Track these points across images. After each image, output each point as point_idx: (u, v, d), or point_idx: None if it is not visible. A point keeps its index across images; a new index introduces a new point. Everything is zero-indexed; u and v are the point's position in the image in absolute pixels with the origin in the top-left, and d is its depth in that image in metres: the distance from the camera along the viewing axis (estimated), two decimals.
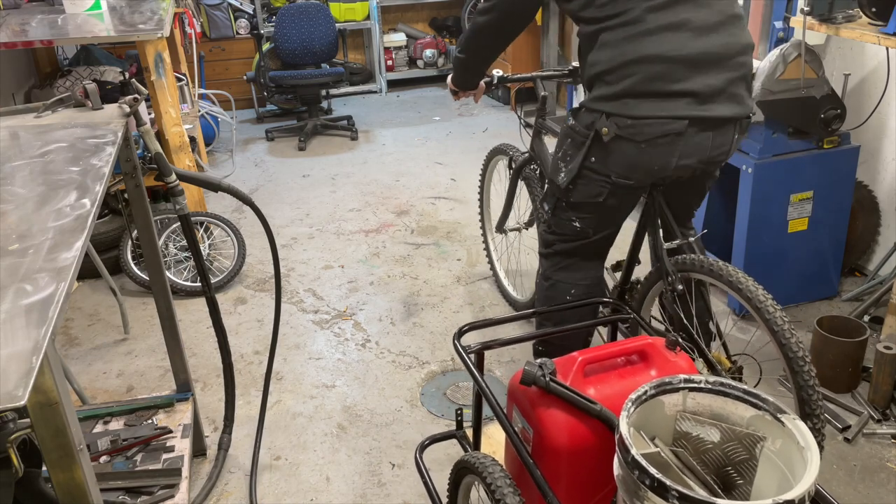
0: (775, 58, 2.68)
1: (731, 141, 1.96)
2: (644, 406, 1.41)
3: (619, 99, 1.86)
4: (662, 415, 1.45)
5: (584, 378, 1.54)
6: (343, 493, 2.26)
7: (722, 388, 1.44)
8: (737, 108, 1.91)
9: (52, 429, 1.08)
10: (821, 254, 3.00)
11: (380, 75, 6.39)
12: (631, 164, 1.93)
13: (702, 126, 1.87)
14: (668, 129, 1.85)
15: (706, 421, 1.46)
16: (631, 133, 1.87)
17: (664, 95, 1.83)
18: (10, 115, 1.84)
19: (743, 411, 1.43)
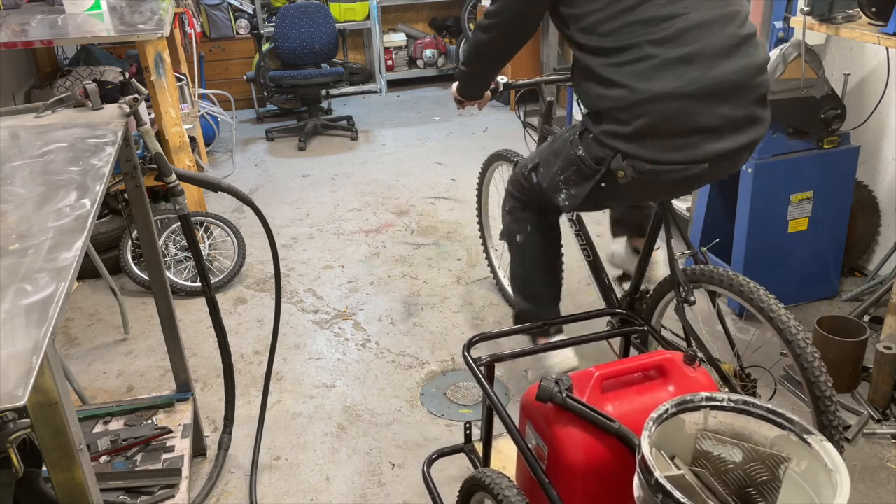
0: (775, 58, 2.68)
1: (744, 160, 1.91)
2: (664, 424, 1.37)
3: (635, 140, 1.76)
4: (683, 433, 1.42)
5: (602, 394, 1.49)
6: (343, 493, 2.26)
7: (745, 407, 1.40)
8: (756, 132, 1.83)
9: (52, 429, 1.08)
10: (821, 254, 3.00)
11: (380, 75, 6.40)
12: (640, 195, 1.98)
13: (721, 160, 1.80)
14: (688, 174, 1.78)
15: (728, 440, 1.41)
16: (649, 178, 1.80)
17: (683, 134, 1.74)
18: (10, 115, 1.84)
19: (767, 431, 1.38)
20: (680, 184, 1.86)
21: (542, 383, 1.47)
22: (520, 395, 2.65)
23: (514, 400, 2.63)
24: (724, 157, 1.79)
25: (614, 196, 1.97)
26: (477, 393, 2.66)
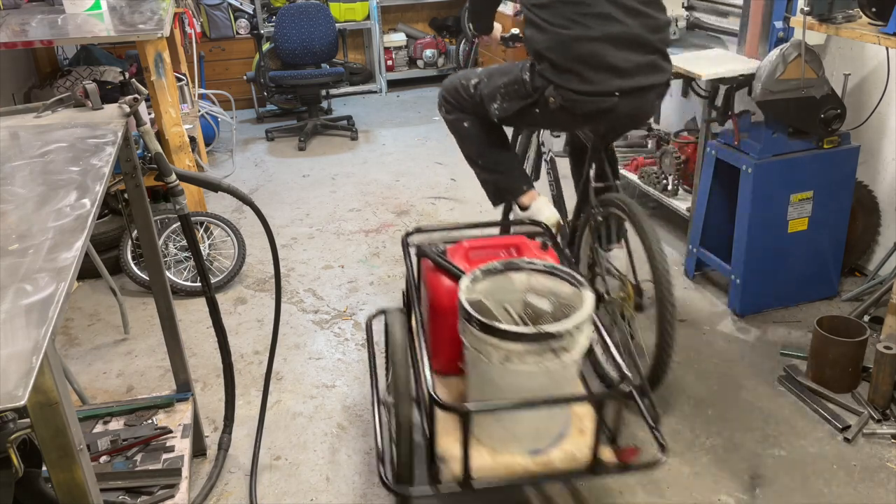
0: (775, 58, 2.68)
1: (650, 104, 2.42)
2: (495, 278, 1.96)
3: (564, 74, 2.28)
4: (513, 289, 1.99)
5: (467, 257, 2.09)
6: (343, 493, 2.26)
7: (553, 270, 1.96)
8: (657, 78, 2.35)
9: (52, 429, 1.08)
10: (821, 254, 3.00)
11: (380, 75, 6.39)
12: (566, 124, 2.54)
13: (628, 96, 2.30)
14: (602, 106, 2.30)
15: (544, 294, 1.98)
16: (572, 106, 2.32)
17: (599, 70, 2.26)
18: (10, 115, 1.84)
19: (567, 288, 1.93)
20: (595, 114, 2.34)
21: (420, 246, 2.14)
22: None
23: None
24: (629, 94, 2.29)
25: (542, 120, 2.56)
26: None
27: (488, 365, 1.79)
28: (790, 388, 2.61)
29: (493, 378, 1.82)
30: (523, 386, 1.79)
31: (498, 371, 1.79)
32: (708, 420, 2.50)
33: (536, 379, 1.78)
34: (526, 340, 1.72)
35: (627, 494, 2.21)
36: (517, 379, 1.78)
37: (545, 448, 1.90)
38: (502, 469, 1.87)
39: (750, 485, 2.23)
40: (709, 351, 2.84)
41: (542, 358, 1.74)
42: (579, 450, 1.89)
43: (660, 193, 3.62)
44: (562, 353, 1.75)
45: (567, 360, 1.78)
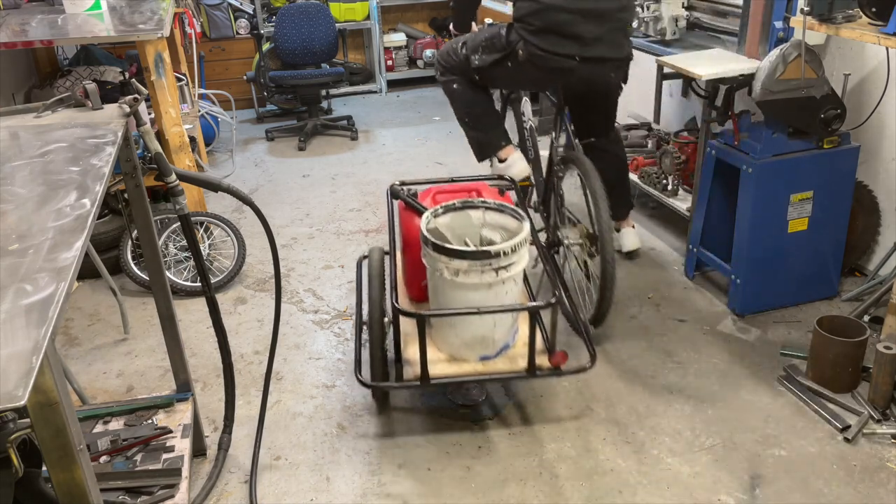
0: (775, 58, 2.68)
1: (607, 76, 2.86)
2: (455, 214, 2.43)
3: (535, 35, 2.71)
4: (471, 224, 2.45)
5: (434, 200, 2.55)
6: (343, 493, 2.26)
7: (501, 208, 2.43)
8: (615, 52, 2.75)
9: (52, 429, 1.08)
10: (821, 254, 3.00)
11: (380, 75, 6.39)
12: (533, 79, 2.95)
13: (587, 64, 2.71)
14: (563, 65, 2.73)
15: (497, 228, 2.43)
16: (537, 60, 2.74)
17: (564, 36, 2.67)
18: (10, 115, 1.84)
19: (513, 222, 2.38)
20: (557, 72, 2.77)
21: (393, 187, 2.64)
22: (520, 395, 2.66)
23: (515, 398, 2.63)
24: (588, 60, 2.70)
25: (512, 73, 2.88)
26: (477, 392, 2.67)
27: (442, 280, 2.26)
28: (790, 388, 2.61)
29: (447, 292, 2.29)
30: (470, 299, 2.26)
31: (449, 285, 2.26)
32: (708, 420, 2.50)
33: (480, 292, 2.25)
34: (469, 258, 2.19)
35: (627, 494, 2.21)
36: (465, 293, 2.25)
37: (493, 356, 2.37)
38: (455, 371, 2.34)
39: (750, 485, 2.23)
40: (709, 351, 2.84)
41: (483, 274, 2.20)
42: (521, 358, 2.34)
43: (660, 193, 3.62)
44: (500, 271, 2.22)
45: (505, 277, 2.24)
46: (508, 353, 2.40)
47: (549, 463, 2.34)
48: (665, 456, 2.35)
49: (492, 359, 2.37)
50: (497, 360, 2.38)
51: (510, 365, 2.37)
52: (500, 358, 2.38)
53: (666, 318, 3.06)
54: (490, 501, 2.21)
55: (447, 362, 2.36)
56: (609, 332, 2.99)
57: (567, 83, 2.89)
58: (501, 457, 2.37)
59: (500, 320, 2.32)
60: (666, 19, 3.42)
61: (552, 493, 2.22)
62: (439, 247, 2.21)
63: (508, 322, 2.37)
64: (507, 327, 2.37)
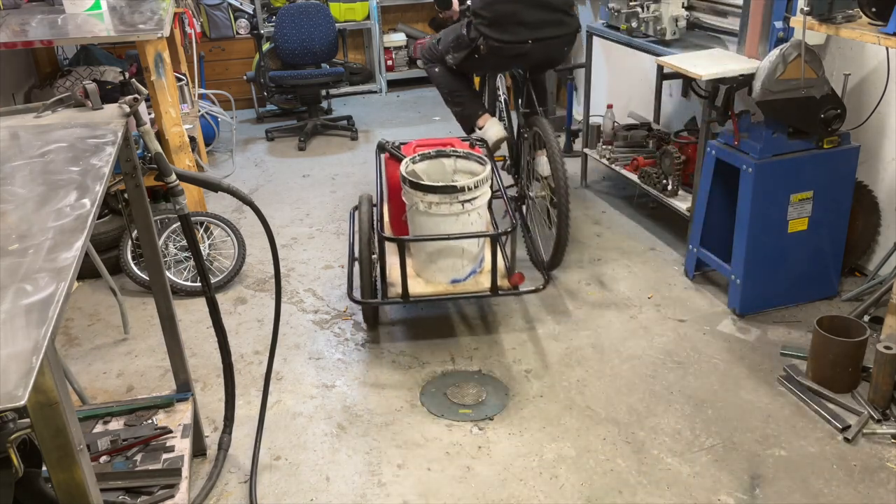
0: (775, 58, 2.68)
1: (559, 50, 3.38)
2: (430, 161, 2.96)
3: (490, 27, 3.17)
4: (444, 171, 2.98)
5: (413, 151, 2.98)
6: (343, 493, 2.26)
7: (468, 156, 2.95)
8: (561, 30, 3.26)
9: (52, 429, 1.08)
10: (821, 254, 3.00)
11: (380, 75, 6.39)
12: (495, 66, 3.58)
13: (539, 45, 3.22)
14: (519, 51, 3.23)
15: (466, 174, 2.93)
16: (496, 51, 3.24)
17: (515, 25, 3.15)
18: (10, 115, 1.84)
19: (479, 168, 2.90)
20: (515, 56, 3.28)
21: (380, 142, 3.15)
22: (520, 395, 2.67)
23: (514, 398, 2.63)
24: (539, 41, 3.20)
25: (482, 63, 3.39)
26: (477, 392, 2.67)
27: (417, 212, 2.79)
28: (790, 388, 2.61)
29: (422, 222, 2.81)
30: (441, 227, 2.77)
31: (424, 216, 2.78)
32: (708, 420, 2.50)
33: (449, 221, 2.75)
34: (439, 192, 2.70)
35: (627, 494, 2.21)
36: (437, 221, 2.76)
37: (462, 279, 2.89)
38: (431, 290, 2.86)
39: (750, 485, 2.23)
40: (709, 351, 2.84)
41: (451, 206, 2.71)
42: (487, 281, 2.84)
43: (660, 193, 3.62)
44: (465, 204, 2.72)
45: (470, 209, 2.74)
46: (476, 277, 2.92)
47: (549, 463, 2.34)
48: (665, 456, 2.35)
49: (461, 281, 2.89)
50: (466, 282, 2.89)
51: (477, 286, 2.88)
52: (469, 281, 2.90)
53: (666, 318, 3.06)
54: (490, 501, 2.21)
55: (423, 284, 2.89)
56: (609, 331, 2.99)
57: (529, 64, 3.41)
58: (501, 457, 2.37)
59: (467, 247, 2.84)
60: (666, 19, 3.42)
61: (552, 493, 2.22)
62: (415, 184, 2.73)
63: (475, 249, 2.90)
64: (473, 254, 2.89)
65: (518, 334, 3.00)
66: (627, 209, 4.06)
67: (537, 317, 3.11)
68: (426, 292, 2.84)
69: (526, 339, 2.96)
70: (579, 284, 3.34)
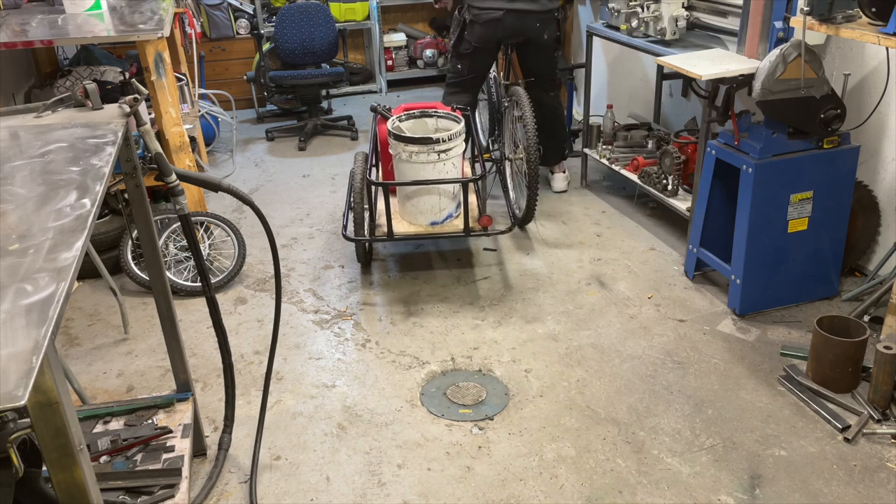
0: (775, 58, 2.68)
1: (531, 25, 3.78)
2: (415, 121, 3.44)
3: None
4: (427, 129, 3.42)
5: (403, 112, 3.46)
6: (343, 493, 2.26)
7: (448, 115, 3.43)
8: (534, 6, 3.74)
9: (52, 429, 1.08)
10: (821, 254, 3.00)
11: (380, 75, 6.39)
12: (478, 35, 3.81)
13: (512, 14, 3.72)
14: (492, 16, 3.72)
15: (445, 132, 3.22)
16: (476, 18, 3.75)
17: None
18: (10, 115, 1.84)
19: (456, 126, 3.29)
20: (491, 23, 3.73)
21: (372, 105, 3.69)
22: (520, 395, 2.67)
23: (514, 398, 2.63)
24: (511, 12, 3.71)
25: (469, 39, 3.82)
26: (477, 393, 2.67)
27: (400, 161, 3.23)
28: (790, 388, 2.61)
29: (405, 171, 3.25)
30: (420, 174, 3.21)
31: (406, 164, 3.22)
32: (708, 420, 2.50)
33: (427, 168, 3.19)
34: (418, 143, 3.15)
35: (627, 494, 2.21)
36: (417, 168, 3.20)
37: (440, 222, 3.33)
38: (413, 231, 3.31)
39: (750, 485, 2.23)
40: (709, 351, 2.84)
41: (429, 155, 3.14)
42: (461, 223, 3.27)
43: (660, 193, 3.62)
44: (441, 154, 3.16)
45: (445, 159, 3.18)
46: (452, 220, 3.36)
47: (549, 463, 2.34)
48: (665, 456, 2.35)
49: (439, 224, 3.33)
50: (443, 224, 3.34)
51: (452, 228, 3.33)
52: (446, 224, 3.34)
53: (666, 318, 3.06)
54: (490, 501, 2.21)
55: (406, 225, 3.35)
56: (609, 331, 2.99)
57: (504, 32, 3.77)
58: (501, 457, 2.37)
59: (443, 192, 3.27)
60: (666, 19, 3.42)
61: (552, 493, 2.22)
62: (398, 136, 3.19)
63: (450, 195, 3.31)
64: (449, 199, 3.31)
65: (518, 334, 3.00)
66: (627, 209, 4.06)
67: (537, 316, 3.11)
68: (408, 231, 3.29)
69: (526, 339, 2.96)
70: (579, 284, 3.34)
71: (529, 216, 3.66)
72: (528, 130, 3.49)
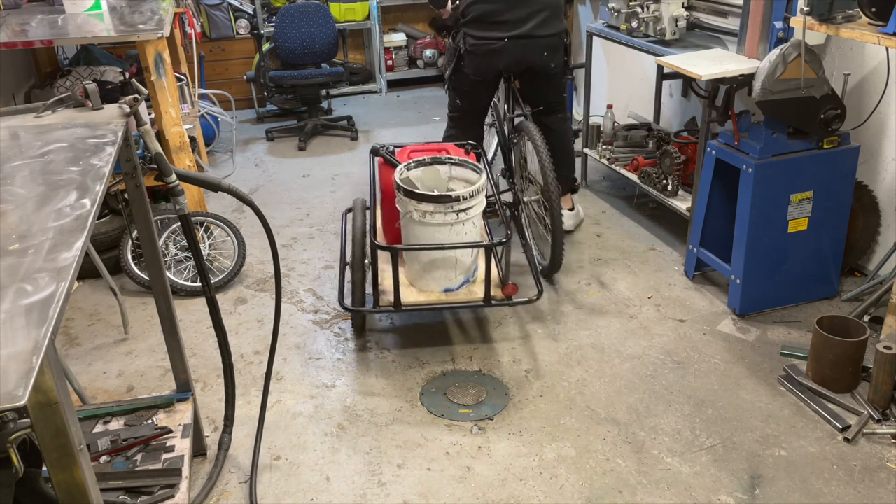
0: (775, 58, 2.68)
1: (540, 54, 3.33)
2: (425, 168, 2.87)
3: (469, 25, 3.31)
4: (440, 178, 2.89)
5: (408, 157, 2.92)
6: (343, 493, 2.26)
7: (465, 163, 2.88)
8: (542, 30, 3.27)
9: (52, 429, 1.08)
10: (821, 254, 3.00)
11: (380, 75, 6.39)
12: (476, 67, 3.39)
13: (515, 43, 3.27)
14: (493, 47, 3.29)
15: (461, 181, 2.87)
16: (474, 48, 3.34)
17: (491, 24, 3.26)
18: (10, 115, 1.83)
19: (474, 175, 2.82)
20: (491, 54, 3.31)
21: (374, 146, 3.10)
22: (520, 395, 2.66)
23: (514, 398, 2.63)
24: (514, 38, 3.26)
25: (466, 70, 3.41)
26: (477, 393, 2.67)
27: (412, 221, 2.71)
28: (790, 388, 2.61)
29: (416, 231, 2.74)
30: (435, 237, 2.70)
31: (418, 225, 2.70)
32: (708, 420, 2.50)
33: (444, 231, 2.69)
34: (434, 201, 2.63)
35: (627, 494, 2.21)
36: (431, 231, 2.69)
37: (455, 289, 2.82)
38: (423, 300, 2.79)
39: (750, 485, 2.23)
40: (709, 351, 2.84)
41: (446, 215, 2.64)
42: (480, 290, 2.80)
43: (660, 193, 3.62)
44: (461, 213, 2.66)
45: (465, 219, 2.68)
46: (469, 286, 2.85)
47: (549, 463, 2.34)
48: (665, 456, 2.35)
49: (454, 291, 2.83)
50: (459, 292, 2.83)
51: (469, 296, 2.82)
52: (461, 290, 2.84)
53: (666, 318, 3.06)
54: (490, 501, 2.21)
55: (416, 293, 2.82)
56: (609, 331, 2.99)
57: (506, 64, 3.34)
58: (501, 457, 2.37)
59: (461, 256, 2.78)
60: (666, 19, 3.42)
61: (552, 493, 2.22)
62: (410, 192, 2.66)
63: (468, 259, 2.82)
64: (467, 264, 2.82)
65: (518, 334, 3.00)
66: (627, 209, 4.06)
67: (537, 317, 3.11)
68: (418, 301, 2.78)
69: (526, 339, 2.96)
70: (579, 284, 3.34)
71: (557, 263, 3.21)
72: (544, 162, 3.09)
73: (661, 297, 3.22)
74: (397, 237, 2.92)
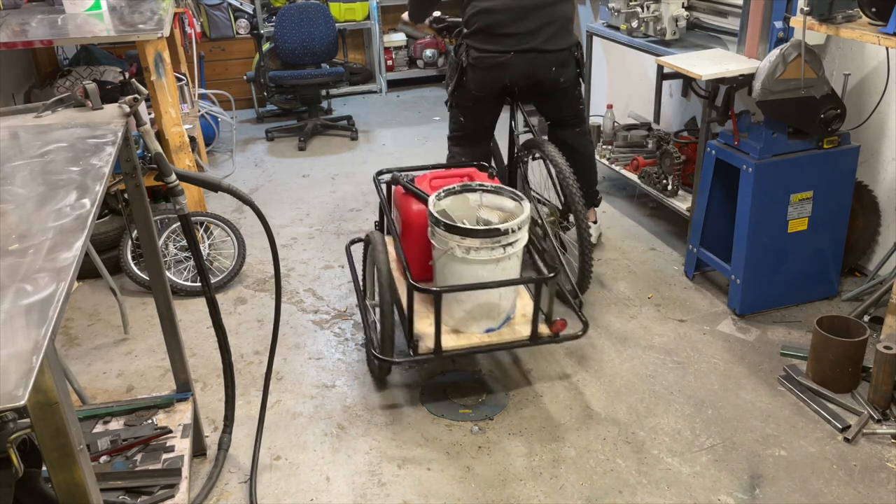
0: (775, 58, 2.68)
1: (549, 70, 3.04)
2: (454, 197, 2.56)
3: (473, 37, 3.02)
4: (468, 207, 2.60)
5: (430, 184, 2.69)
6: (343, 493, 2.26)
7: (498, 189, 2.60)
8: (551, 45, 2.99)
9: (52, 429, 1.08)
10: (821, 254, 3.00)
11: (380, 75, 6.39)
12: (480, 82, 3.09)
13: (522, 57, 2.98)
14: (498, 60, 2.99)
15: (493, 209, 2.60)
16: (477, 62, 3.03)
17: (497, 36, 2.97)
18: (10, 115, 1.83)
19: (510, 203, 2.56)
20: (497, 68, 3.01)
21: (394, 175, 2.74)
22: (520, 395, 2.66)
23: (514, 398, 2.63)
24: (521, 52, 2.97)
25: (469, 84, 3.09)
26: (477, 393, 2.67)
27: (453, 259, 2.41)
28: (790, 388, 2.61)
29: (457, 270, 2.43)
30: (479, 275, 2.41)
31: (460, 262, 2.40)
32: (708, 420, 2.50)
33: (488, 268, 2.41)
34: (481, 236, 2.34)
35: (627, 494, 2.21)
36: (475, 269, 2.41)
37: (497, 328, 2.53)
38: (465, 343, 2.48)
39: (750, 485, 2.23)
40: (709, 351, 2.84)
41: (493, 251, 2.36)
42: (522, 327, 2.54)
43: (660, 193, 3.62)
44: (507, 248, 2.38)
45: (511, 253, 2.40)
46: (511, 324, 2.57)
47: (549, 463, 2.34)
48: (665, 456, 2.35)
49: (496, 330, 2.53)
50: (501, 330, 2.54)
51: (513, 335, 2.53)
52: (504, 329, 2.54)
53: (666, 318, 3.06)
54: (490, 501, 2.21)
55: (455, 335, 2.51)
56: (609, 331, 2.99)
57: (512, 79, 3.05)
58: (501, 457, 2.37)
59: (504, 293, 2.49)
60: (666, 19, 3.42)
61: (552, 493, 2.22)
62: (452, 227, 2.36)
63: (512, 295, 2.56)
64: (510, 300, 2.55)
65: None
66: (627, 209, 4.06)
67: None
68: (460, 345, 2.46)
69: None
70: None
71: (586, 282, 3.00)
72: (567, 180, 2.91)
73: (661, 296, 3.22)
74: (423, 273, 2.63)
